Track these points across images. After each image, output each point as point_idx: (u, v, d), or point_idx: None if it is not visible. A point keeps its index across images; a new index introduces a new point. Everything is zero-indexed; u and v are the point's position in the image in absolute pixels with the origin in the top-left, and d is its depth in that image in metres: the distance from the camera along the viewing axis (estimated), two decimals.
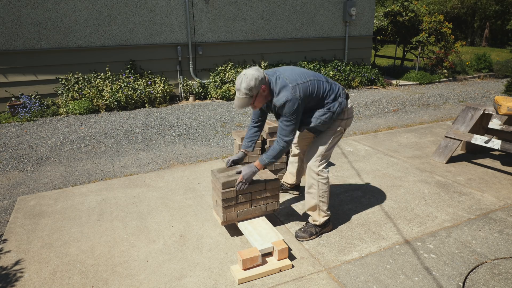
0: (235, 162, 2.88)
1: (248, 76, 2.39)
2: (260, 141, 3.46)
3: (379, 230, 2.98)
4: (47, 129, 6.06)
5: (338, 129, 2.76)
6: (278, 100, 2.47)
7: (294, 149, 3.30)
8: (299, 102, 2.45)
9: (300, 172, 3.42)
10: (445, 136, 4.41)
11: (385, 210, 3.28)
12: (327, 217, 2.88)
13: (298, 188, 3.60)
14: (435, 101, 8.06)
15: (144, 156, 4.79)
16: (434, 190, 3.67)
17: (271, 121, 3.57)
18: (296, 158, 3.33)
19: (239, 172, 2.70)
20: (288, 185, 3.55)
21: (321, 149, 2.75)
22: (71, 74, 7.27)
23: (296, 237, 2.86)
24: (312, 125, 2.66)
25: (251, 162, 2.78)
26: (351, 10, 9.51)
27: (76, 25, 7.11)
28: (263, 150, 3.51)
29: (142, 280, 2.44)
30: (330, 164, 4.36)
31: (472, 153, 4.69)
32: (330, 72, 9.09)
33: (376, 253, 2.68)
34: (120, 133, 5.76)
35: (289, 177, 3.49)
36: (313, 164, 2.76)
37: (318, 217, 2.86)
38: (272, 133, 3.51)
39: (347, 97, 2.79)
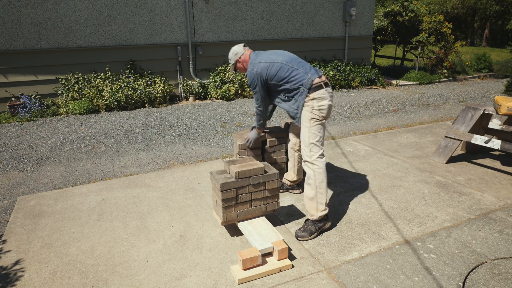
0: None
1: (231, 50, 3.16)
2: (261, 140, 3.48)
3: (379, 230, 2.98)
4: (47, 129, 6.06)
5: (311, 116, 2.84)
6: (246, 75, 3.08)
7: (289, 143, 3.42)
8: (254, 76, 2.94)
9: (299, 168, 3.45)
10: (445, 136, 4.41)
11: (385, 210, 3.28)
12: (324, 212, 2.86)
13: (299, 186, 3.60)
14: (435, 101, 8.06)
15: (144, 156, 4.79)
16: (434, 190, 3.67)
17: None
18: (291, 151, 3.43)
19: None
20: (289, 183, 3.55)
21: (305, 140, 2.87)
22: (71, 74, 7.27)
23: (297, 237, 2.86)
24: (279, 105, 3.08)
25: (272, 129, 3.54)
26: (351, 10, 9.51)
27: (76, 25, 7.11)
28: (263, 150, 3.52)
29: (142, 280, 2.44)
30: (330, 164, 4.36)
31: (472, 153, 4.69)
32: (330, 72, 9.09)
33: (376, 253, 2.68)
34: (120, 133, 5.76)
35: (289, 174, 3.52)
36: (305, 155, 2.88)
37: (316, 211, 2.85)
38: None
39: (317, 87, 2.82)
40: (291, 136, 3.39)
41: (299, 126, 3.07)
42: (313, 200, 2.85)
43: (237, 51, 3.11)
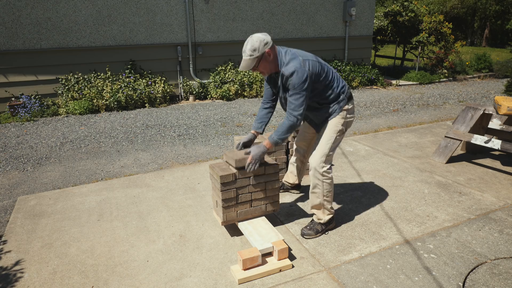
0: (245, 145, 2.82)
1: (253, 38, 2.45)
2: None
3: (379, 230, 2.98)
4: (47, 129, 6.06)
5: (340, 127, 2.75)
6: (287, 70, 2.46)
7: (294, 150, 3.31)
8: (307, 74, 2.44)
9: (301, 172, 3.43)
10: (445, 136, 4.41)
11: (385, 210, 3.28)
12: (331, 215, 2.90)
13: (299, 187, 3.60)
14: (435, 101, 8.06)
15: (144, 156, 4.79)
16: (434, 190, 3.67)
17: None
18: (295, 158, 3.35)
19: (248, 153, 2.66)
20: (289, 185, 3.55)
21: (325, 149, 2.72)
22: (71, 74, 7.27)
23: (303, 235, 2.86)
24: (315, 112, 2.72)
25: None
26: (351, 10, 9.51)
27: (76, 25, 7.11)
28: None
29: (142, 280, 2.44)
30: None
31: (472, 153, 4.69)
32: None
33: (376, 253, 2.68)
34: (120, 133, 5.76)
35: (290, 177, 3.49)
36: (318, 165, 2.72)
37: (323, 216, 2.88)
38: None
39: (350, 97, 2.79)
40: (302, 145, 3.19)
41: (310, 133, 3.00)
42: (320, 207, 2.86)
43: (266, 40, 2.46)
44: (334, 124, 2.74)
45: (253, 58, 2.46)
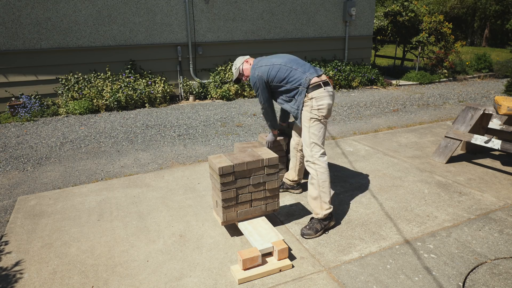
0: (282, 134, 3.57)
1: (234, 63, 3.24)
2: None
3: (379, 230, 2.98)
4: (47, 129, 6.06)
5: (311, 116, 2.86)
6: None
7: (292, 142, 3.44)
8: (256, 80, 2.98)
9: (300, 168, 3.45)
10: (445, 136, 4.41)
11: (385, 210, 3.28)
12: (329, 210, 2.89)
13: (299, 185, 3.61)
14: (435, 101, 8.06)
15: (144, 156, 4.79)
16: (434, 190, 3.67)
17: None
18: (293, 151, 3.44)
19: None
20: (290, 182, 3.56)
21: (306, 139, 2.90)
22: (71, 74, 7.27)
23: (302, 235, 2.87)
24: (282, 106, 3.11)
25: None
26: (351, 10, 9.50)
27: (76, 25, 7.11)
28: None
29: (142, 280, 2.44)
30: (330, 164, 4.36)
31: (472, 153, 4.69)
32: (330, 72, 9.09)
33: (376, 253, 2.68)
34: (120, 133, 5.76)
35: (290, 173, 3.52)
36: (307, 155, 2.90)
37: (320, 210, 2.88)
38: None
39: (316, 86, 2.83)
40: (294, 135, 3.41)
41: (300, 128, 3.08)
42: (317, 199, 2.87)
43: (243, 56, 3.22)
44: (304, 116, 2.90)
45: (235, 78, 3.24)
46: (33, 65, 6.95)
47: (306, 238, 2.86)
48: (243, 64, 3.15)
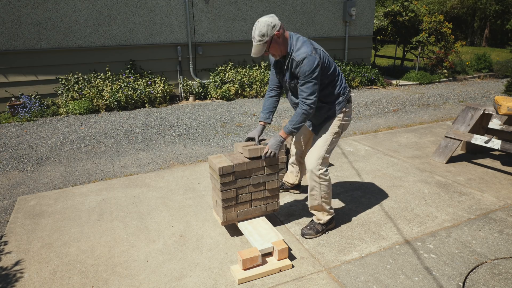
0: (254, 139, 2.86)
1: (260, 23, 2.40)
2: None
3: (379, 230, 2.98)
4: (47, 129, 6.06)
5: (337, 130, 2.75)
6: (298, 55, 2.44)
7: (292, 150, 3.33)
8: (318, 61, 2.41)
9: (301, 171, 3.43)
10: (445, 136, 4.41)
11: (385, 210, 3.28)
12: (331, 216, 2.90)
13: (299, 187, 3.60)
14: (435, 101, 8.06)
15: (144, 156, 4.79)
16: (434, 190, 3.67)
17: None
18: (293, 159, 3.37)
19: (266, 144, 2.77)
20: (289, 184, 3.55)
21: (321, 151, 2.71)
22: (71, 74, 7.27)
23: (303, 234, 2.87)
24: (315, 112, 2.68)
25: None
26: (351, 10, 9.50)
27: (76, 25, 7.11)
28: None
29: (142, 280, 2.44)
30: (330, 164, 4.36)
31: (472, 153, 4.69)
32: None
33: (376, 253, 2.68)
34: (120, 133, 5.76)
35: (290, 177, 3.51)
36: (315, 168, 2.70)
37: (323, 216, 2.88)
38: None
39: (349, 100, 2.78)
40: (299, 146, 3.22)
41: (307, 134, 3.00)
42: (319, 208, 2.86)
43: (274, 23, 2.40)
44: (331, 126, 2.74)
45: (263, 43, 2.42)
46: (33, 65, 6.95)
47: (306, 238, 2.86)
48: (273, 37, 2.41)
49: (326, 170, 2.76)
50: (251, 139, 2.87)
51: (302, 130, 3.12)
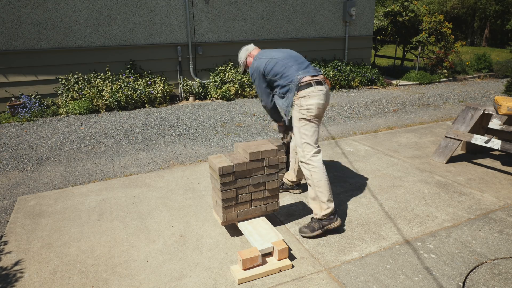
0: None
1: (242, 49, 3.22)
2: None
3: (379, 230, 2.98)
4: (47, 129, 6.06)
5: (300, 116, 2.83)
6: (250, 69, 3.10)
7: (292, 143, 3.44)
8: (254, 70, 2.99)
9: (299, 169, 3.45)
10: (445, 136, 4.41)
11: (385, 210, 3.28)
12: (328, 210, 2.80)
13: (299, 186, 3.61)
14: (435, 101, 8.06)
15: (144, 156, 4.79)
16: (434, 190, 3.67)
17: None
18: (293, 152, 3.45)
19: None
20: (289, 182, 3.56)
21: (297, 139, 2.89)
22: (71, 74, 7.27)
23: (299, 231, 2.87)
24: (276, 101, 3.07)
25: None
26: (351, 10, 9.51)
27: (76, 25, 7.11)
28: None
29: (142, 280, 2.44)
30: (330, 164, 4.36)
31: (472, 153, 4.69)
32: (330, 72, 9.09)
33: (376, 253, 2.68)
34: (120, 133, 5.76)
35: (290, 174, 3.53)
36: (300, 155, 2.90)
37: (319, 210, 2.83)
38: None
39: (307, 85, 2.78)
40: (292, 141, 3.40)
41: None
42: (316, 200, 2.84)
43: (248, 48, 3.19)
44: (294, 116, 2.89)
45: (242, 63, 3.21)
46: (33, 65, 6.95)
47: (302, 236, 2.85)
48: (247, 58, 3.18)
49: (314, 155, 2.83)
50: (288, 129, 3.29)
51: None
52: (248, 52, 3.17)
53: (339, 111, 7.11)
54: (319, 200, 2.82)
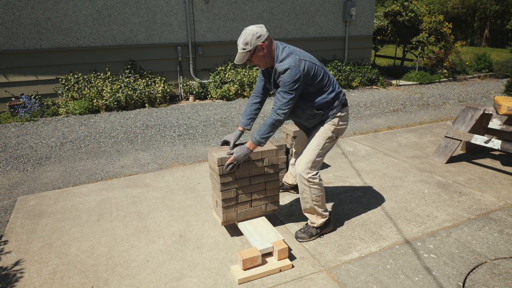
0: (229, 143, 2.76)
1: (247, 31, 2.41)
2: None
3: (379, 230, 2.98)
4: (47, 129, 6.06)
5: (330, 134, 2.67)
6: (280, 66, 2.42)
7: (293, 153, 3.31)
8: (301, 74, 2.39)
9: None
10: (445, 136, 4.41)
11: (385, 210, 3.28)
12: (325, 219, 2.84)
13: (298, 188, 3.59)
14: (435, 101, 8.06)
15: (144, 156, 4.79)
16: (434, 190, 3.67)
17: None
18: (294, 160, 3.34)
19: (231, 154, 2.60)
20: (289, 185, 3.55)
21: (312, 155, 2.66)
22: (71, 74, 7.27)
23: (296, 237, 2.85)
24: (305, 112, 2.62)
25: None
26: (351, 10, 9.51)
27: (76, 25, 7.11)
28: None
29: (142, 280, 2.44)
30: (330, 164, 4.35)
31: (472, 153, 4.69)
32: (330, 72, 9.08)
33: (376, 253, 2.68)
34: (120, 133, 5.76)
35: (289, 178, 3.50)
36: (303, 171, 2.66)
37: (316, 219, 2.84)
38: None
39: (344, 104, 2.72)
40: (300, 148, 3.15)
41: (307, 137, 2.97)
42: (312, 211, 2.82)
43: (260, 33, 2.40)
44: (324, 131, 2.67)
45: (246, 52, 2.42)
46: (33, 65, 6.95)
47: (300, 241, 2.84)
48: (256, 47, 2.41)
49: (316, 174, 2.68)
50: (226, 142, 2.79)
51: (303, 133, 3.08)
52: (260, 40, 2.40)
53: None
54: (316, 212, 2.80)
